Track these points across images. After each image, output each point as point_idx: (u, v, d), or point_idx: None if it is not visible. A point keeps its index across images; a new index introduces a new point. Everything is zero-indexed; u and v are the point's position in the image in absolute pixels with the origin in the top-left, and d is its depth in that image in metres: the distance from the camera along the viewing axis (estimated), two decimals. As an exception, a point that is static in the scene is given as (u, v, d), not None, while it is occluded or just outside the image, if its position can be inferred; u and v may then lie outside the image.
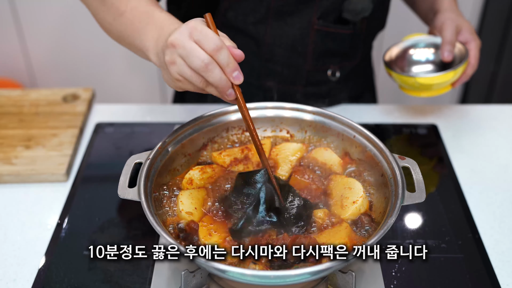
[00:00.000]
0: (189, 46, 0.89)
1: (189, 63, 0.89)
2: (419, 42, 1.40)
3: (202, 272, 0.93)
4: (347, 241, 0.91)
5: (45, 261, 1.05)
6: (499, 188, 1.24)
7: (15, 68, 2.63)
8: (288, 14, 1.32)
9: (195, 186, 1.04)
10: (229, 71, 0.89)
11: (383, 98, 2.72)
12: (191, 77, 0.91)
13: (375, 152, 1.05)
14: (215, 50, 0.87)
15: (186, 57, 0.89)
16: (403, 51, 1.40)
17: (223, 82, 0.89)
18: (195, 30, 0.89)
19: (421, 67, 1.40)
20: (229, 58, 0.88)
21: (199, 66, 0.88)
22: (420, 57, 1.40)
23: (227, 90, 0.90)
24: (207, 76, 0.89)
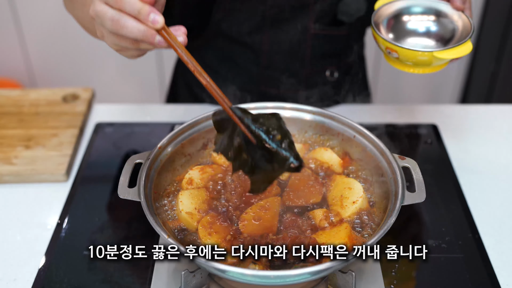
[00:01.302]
0: (99, 10, 0.83)
1: (107, 28, 0.83)
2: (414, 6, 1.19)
3: (202, 272, 0.93)
4: (347, 241, 0.91)
5: (45, 261, 1.05)
6: (499, 188, 1.24)
7: (15, 68, 2.63)
8: (284, 21, 1.32)
9: (195, 186, 1.04)
10: (143, 17, 0.80)
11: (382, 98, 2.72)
12: (119, 41, 0.85)
13: (375, 152, 1.05)
14: (118, 2, 0.80)
15: (102, 24, 0.84)
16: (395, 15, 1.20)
17: (143, 32, 0.81)
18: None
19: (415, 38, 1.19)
20: (136, 3, 0.80)
21: (112, 27, 0.82)
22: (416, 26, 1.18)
23: (153, 39, 0.82)
24: (124, 32, 0.81)
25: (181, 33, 0.85)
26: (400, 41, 1.15)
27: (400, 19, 1.18)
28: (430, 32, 1.17)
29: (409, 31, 1.17)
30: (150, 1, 0.81)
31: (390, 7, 1.17)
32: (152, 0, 0.81)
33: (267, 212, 0.97)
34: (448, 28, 1.15)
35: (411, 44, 1.15)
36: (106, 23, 0.83)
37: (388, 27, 1.17)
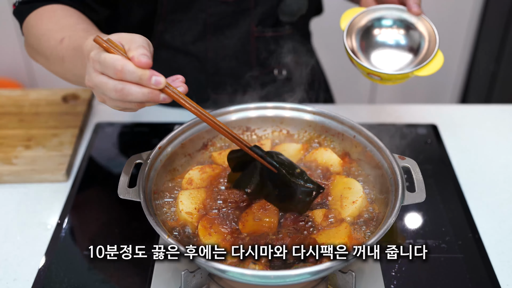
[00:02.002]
0: (98, 82, 0.84)
1: (110, 97, 0.85)
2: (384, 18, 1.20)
3: (202, 272, 0.93)
4: (347, 241, 0.91)
5: (45, 261, 1.05)
6: (499, 188, 1.24)
7: (15, 68, 2.63)
8: (226, 27, 1.32)
9: (195, 186, 1.04)
10: (146, 82, 0.82)
11: (382, 98, 2.72)
12: (124, 106, 0.87)
13: (375, 152, 1.05)
14: (119, 73, 0.81)
15: (104, 93, 0.85)
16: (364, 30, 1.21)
17: (148, 95, 0.83)
18: (95, 62, 0.84)
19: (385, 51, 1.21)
20: (136, 71, 0.81)
21: (117, 96, 0.83)
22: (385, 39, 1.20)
23: (158, 98, 0.84)
24: (129, 99, 0.83)
25: (179, 83, 0.87)
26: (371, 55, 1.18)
27: (369, 34, 1.20)
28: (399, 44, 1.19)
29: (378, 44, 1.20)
30: (149, 65, 0.81)
31: (357, 24, 1.19)
32: (150, 63, 0.82)
33: (267, 212, 0.97)
34: (414, 38, 1.18)
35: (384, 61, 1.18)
36: (109, 93, 0.84)
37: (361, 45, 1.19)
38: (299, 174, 0.95)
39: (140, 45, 0.83)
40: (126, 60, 0.81)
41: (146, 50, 0.83)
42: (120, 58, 0.82)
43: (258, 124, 1.16)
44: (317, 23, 1.58)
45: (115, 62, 0.81)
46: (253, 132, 1.17)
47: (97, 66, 0.84)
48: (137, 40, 0.85)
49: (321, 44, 1.64)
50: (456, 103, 2.77)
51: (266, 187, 0.97)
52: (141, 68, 0.81)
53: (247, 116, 1.15)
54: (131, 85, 0.82)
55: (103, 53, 0.83)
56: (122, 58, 0.82)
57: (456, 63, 2.65)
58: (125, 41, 0.84)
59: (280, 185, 0.95)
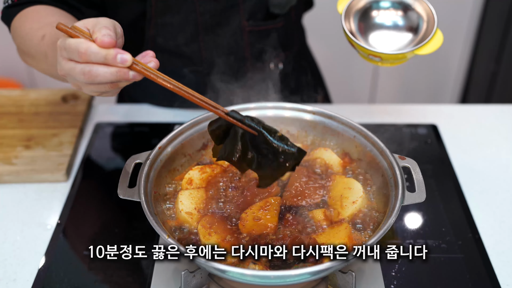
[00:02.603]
0: (67, 68, 0.85)
1: (82, 83, 0.85)
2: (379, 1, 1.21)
3: (202, 272, 0.93)
4: (347, 241, 0.91)
5: (45, 261, 1.05)
6: (499, 188, 1.24)
7: (15, 68, 2.63)
8: (217, 25, 1.32)
9: (195, 186, 1.04)
10: (112, 61, 0.81)
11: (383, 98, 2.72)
12: (97, 89, 0.86)
13: (375, 152, 1.05)
14: (84, 55, 0.82)
15: (74, 79, 0.86)
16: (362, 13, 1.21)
17: (116, 74, 0.82)
18: (61, 49, 0.85)
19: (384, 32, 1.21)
20: (100, 51, 0.81)
21: (85, 79, 0.83)
22: (383, 20, 1.20)
23: (128, 76, 0.83)
24: (98, 80, 0.83)
25: (149, 58, 0.86)
26: (369, 36, 1.18)
27: (368, 15, 1.20)
28: (397, 25, 1.19)
29: (376, 25, 1.20)
30: (112, 44, 0.81)
31: (355, 6, 1.19)
32: (114, 42, 0.82)
33: (267, 212, 0.97)
34: (413, 19, 1.18)
35: (383, 41, 1.18)
36: (78, 77, 0.84)
37: (359, 27, 1.19)
38: (280, 138, 0.89)
39: (103, 26, 0.83)
40: (89, 42, 0.81)
41: (110, 30, 0.82)
42: (83, 41, 0.82)
43: (258, 124, 1.16)
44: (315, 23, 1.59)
45: (78, 45, 0.82)
46: (253, 132, 1.17)
47: (64, 53, 0.84)
48: (101, 22, 0.85)
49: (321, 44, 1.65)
50: (456, 103, 2.77)
51: (249, 154, 0.91)
52: (104, 48, 0.81)
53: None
54: (98, 66, 0.82)
55: (68, 39, 0.83)
56: (85, 40, 0.82)
57: (456, 63, 2.65)
58: (90, 25, 0.85)
59: (262, 150, 0.89)
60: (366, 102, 2.74)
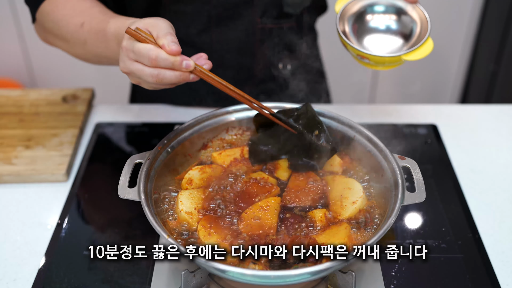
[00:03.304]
0: (134, 69, 0.93)
1: (146, 82, 0.94)
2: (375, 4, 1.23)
3: (202, 272, 0.93)
4: (347, 241, 0.91)
5: (45, 261, 1.05)
6: (499, 188, 1.24)
7: (15, 68, 2.63)
8: (230, 18, 1.32)
9: (195, 186, 1.04)
10: (178, 67, 0.91)
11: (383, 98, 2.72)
12: (159, 86, 0.95)
13: (375, 152, 1.05)
14: (153, 61, 0.90)
15: (140, 79, 0.94)
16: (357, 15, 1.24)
17: (180, 77, 0.92)
18: (128, 51, 0.93)
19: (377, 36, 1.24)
20: (169, 58, 0.90)
21: (153, 81, 0.92)
22: (377, 24, 1.23)
23: (188, 78, 0.93)
24: (165, 82, 0.92)
25: (204, 60, 0.96)
26: (364, 40, 1.22)
27: (363, 19, 1.24)
28: (391, 30, 1.22)
29: (371, 29, 1.23)
30: (179, 51, 0.90)
31: (351, 9, 1.22)
32: (180, 50, 0.90)
33: (267, 212, 0.97)
34: (407, 24, 1.21)
35: (376, 45, 1.22)
36: (146, 78, 0.93)
37: (353, 29, 1.22)
38: (316, 136, 1.03)
39: (167, 32, 0.91)
40: (158, 49, 0.90)
41: (174, 36, 0.91)
42: (153, 48, 0.90)
43: (258, 124, 1.16)
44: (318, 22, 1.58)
45: (149, 52, 0.90)
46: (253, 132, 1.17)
47: (131, 55, 0.92)
48: (163, 26, 0.93)
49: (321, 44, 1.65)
50: (456, 103, 2.77)
51: (288, 145, 1.04)
52: (173, 55, 0.90)
53: (247, 116, 1.15)
54: (165, 70, 0.91)
55: (136, 43, 0.91)
56: (155, 47, 0.90)
57: (456, 63, 2.65)
58: (151, 28, 0.93)
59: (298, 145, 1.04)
60: (366, 102, 2.74)
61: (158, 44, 0.91)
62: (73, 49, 1.19)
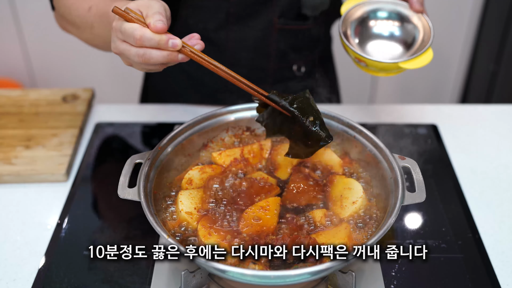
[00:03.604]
0: (122, 49, 0.92)
1: (135, 63, 0.93)
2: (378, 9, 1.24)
3: (202, 272, 0.93)
4: (347, 241, 0.91)
5: (45, 261, 1.05)
6: (499, 188, 1.24)
7: (15, 68, 2.63)
8: (248, 17, 1.32)
9: (195, 186, 1.04)
10: (164, 46, 0.89)
11: (383, 98, 2.72)
12: (148, 67, 0.94)
13: (375, 152, 1.05)
14: (138, 41, 0.88)
15: (129, 59, 0.93)
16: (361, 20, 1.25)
17: (167, 57, 0.90)
18: (117, 31, 0.92)
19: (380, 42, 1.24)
20: (154, 37, 0.88)
21: (140, 60, 0.90)
22: (380, 31, 1.24)
23: (177, 59, 0.91)
24: (152, 62, 0.90)
25: (196, 40, 0.94)
26: (366, 45, 1.23)
27: (366, 24, 1.23)
28: (394, 38, 1.22)
29: (374, 35, 1.23)
30: (164, 29, 0.88)
31: (355, 13, 1.23)
32: (166, 27, 0.88)
33: (267, 212, 0.97)
34: (410, 32, 1.21)
35: (377, 52, 1.22)
36: (133, 58, 0.91)
37: (355, 32, 1.23)
38: (311, 122, 0.98)
39: (156, 11, 0.89)
40: (143, 29, 0.88)
41: (162, 15, 0.89)
42: (138, 27, 0.88)
43: (258, 124, 1.16)
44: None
45: (134, 31, 0.88)
46: (253, 132, 1.17)
47: (119, 35, 0.91)
48: (154, 6, 0.91)
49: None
50: (456, 103, 2.77)
51: (285, 126, 1.01)
52: (157, 33, 0.88)
53: (247, 116, 1.15)
54: (151, 50, 0.89)
55: (124, 22, 0.90)
56: (140, 26, 0.89)
57: (456, 63, 2.65)
58: (143, 8, 0.91)
59: (296, 127, 1.00)
60: (366, 102, 2.74)
61: (146, 23, 0.89)
62: (82, 34, 1.20)
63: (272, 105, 0.99)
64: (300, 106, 0.99)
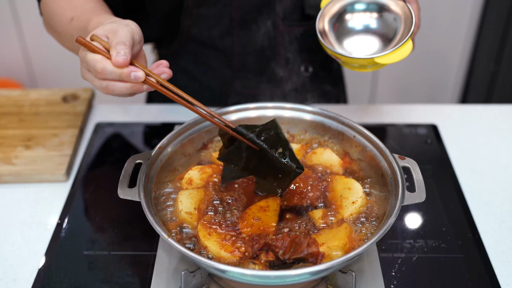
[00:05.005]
0: (87, 78, 0.91)
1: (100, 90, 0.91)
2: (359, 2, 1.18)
3: (202, 272, 0.93)
4: (347, 241, 0.91)
5: (45, 261, 1.05)
6: (499, 188, 1.24)
7: (15, 68, 2.63)
8: (252, 21, 1.33)
9: (195, 186, 1.04)
10: (126, 79, 0.86)
11: (383, 98, 2.72)
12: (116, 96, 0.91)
13: (375, 152, 1.05)
14: (100, 74, 0.86)
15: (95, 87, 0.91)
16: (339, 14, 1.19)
17: (131, 89, 0.88)
18: (83, 61, 0.89)
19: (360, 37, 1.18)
20: (115, 70, 0.85)
21: (104, 92, 0.89)
22: (359, 25, 1.18)
23: (142, 90, 0.88)
24: (116, 94, 0.89)
25: (163, 68, 0.91)
26: (345, 41, 1.17)
27: (344, 18, 1.18)
28: (373, 30, 1.17)
29: (353, 30, 1.18)
30: (126, 63, 0.85)
31: (333, 7, 1.18)
32: (127, 61, 0.85)
33: (267, 212, 0.97)
34: (390, 25, 1.15)
35: (358, 47, 1.16)
36: (97, 88, 0.90)
37: (334, 28, 1.18)
38: (280, 154, 0.94)
39: (119, 41, 0.86)
40: (105, 61, 0.85)
41: (125, 46, 0.86)
42: (99, 59, 0.86)
43: (258, 124, 1.16)
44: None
45: (95, 64, 0.86)
46: (253, 132, 1.17)
47: (85, 64, 0.89)
48: (119, 33, 0.88)
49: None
50: (456, 103, 2.77)
51: (252, 163, 0.96)
52: (119, 67, 0.85)
53: (247, 116, 1.15)
54: (114, 82, 0.87)
55: (88, 53, 0.87)
56: (102, 59, 0.86)
57: (456, 63, 2.65)
58: (109, 34, 0.89)
59: (263, 163, 0.95)
60: (366, 102, 2.74)
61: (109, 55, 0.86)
62: (64, 42, 1.19)
63: (239, 138, 0.94)
64: (268, 138, 0.94)
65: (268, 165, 0.95)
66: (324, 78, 1.51)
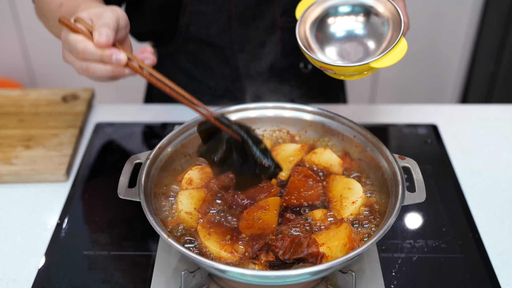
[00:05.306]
0: (69, 60, 0.89)
1: (81, 74, 0.89)
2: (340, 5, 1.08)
3: (202, 272, 0.93)
4: (347, 241, 0.91)
5: (45, 261, 1.05)
6: (499, 188, 1.24)
7: (15, 68, 2.63)
8: (251, 17, 1.32)
9: (195, 186, 1.04)
10: (107, 61, 0.84)
11: (383, 98, 2.72)
12: (97, 80, 0.89)
13: (375, 152, 1.05)
14: (81, 54, 0.84)
15: (76, 69, 0.89)
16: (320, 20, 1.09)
17: (112, 72, 0.85)
18: (64, 42, 0.88)
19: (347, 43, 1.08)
20: (96, 51, 0.83)
21: (84, 74, 0.87)
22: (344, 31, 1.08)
23: (123, 74, 0.86)
24: (96, 76, 0.86)
25: (147, 54, 0.88)
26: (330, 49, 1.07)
27: (327, 24, 1.08)
28: (359, 34, 1.07)
29: (338, 36, 1.08)
30: (108, 44, 0.83)
31: (313, 13, 1.08)
32: (110, 42, 0.83)
33: (267, 212, 0.97)
34: (377, 27, 1.06)
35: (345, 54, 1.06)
36: (78, 70, 0.88)
37: (317, 37, 1.08)
38: (262, 150, 0.90)
39: (103, 24, 0.84)
40: (87, 42, 0.83)
41: (109, 28, 0.84)
42: (81, 40, 0.84)
43: (258, 124, 1.16)
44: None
45: (76, 44, 0.84)
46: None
47: (66, 45, 0.87)
48: (104, 16, 0.86)
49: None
50: (456, 103, 2.77)
51: (231, 157, 0.92)
52: (100, 48, 0.83)
53: (247, 116, 1.15)
54: (95, 64, 0.85)
55: (70, 33, 0.86)
56: (84, 39, 0.84)
57: (456, 63, 2.65)
58: (94, 17, 0.86)
59: (243, 157, 0.91)
60: (366, 102, 2.74)
61: None
62: (52, 28, 1.17)
63: (222, 128, 0.90)
64: (251, 133, 0.90)
65: (247, 159, 0.90)
66: (323, 77, 1.51)
